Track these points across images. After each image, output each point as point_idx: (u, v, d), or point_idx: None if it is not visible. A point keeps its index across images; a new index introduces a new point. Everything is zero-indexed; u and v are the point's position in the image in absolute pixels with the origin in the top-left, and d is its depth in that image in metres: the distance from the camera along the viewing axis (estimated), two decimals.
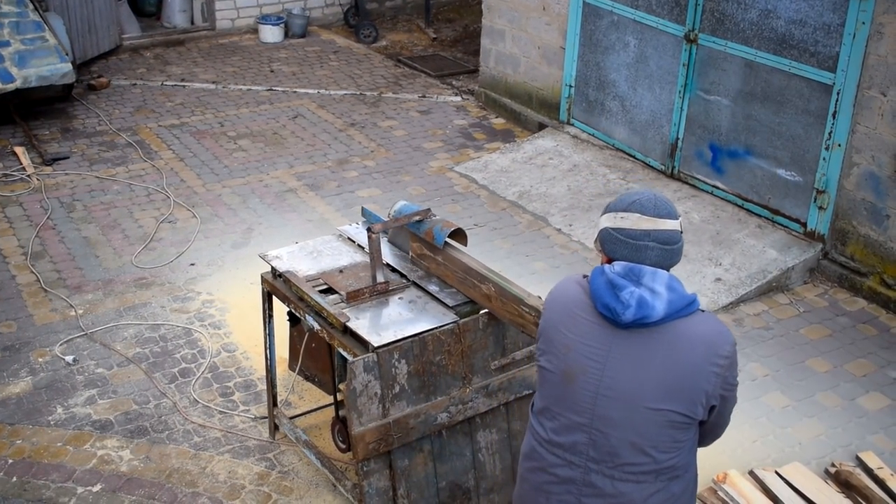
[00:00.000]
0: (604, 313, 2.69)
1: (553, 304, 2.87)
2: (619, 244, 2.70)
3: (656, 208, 2.72)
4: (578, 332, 2.76)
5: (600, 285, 2.69)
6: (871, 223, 6.45)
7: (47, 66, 8.64)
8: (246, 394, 5.36)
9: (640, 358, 2.67)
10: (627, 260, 2.69)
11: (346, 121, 9.33)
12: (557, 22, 8.69)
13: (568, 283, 2.88)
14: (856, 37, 6.26)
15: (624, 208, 2.72)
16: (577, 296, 2.80)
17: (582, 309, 2.77)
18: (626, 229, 2.69)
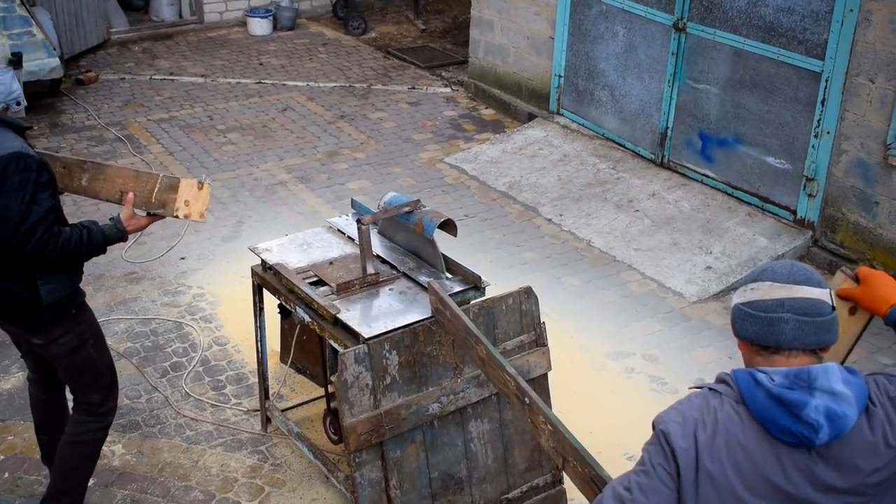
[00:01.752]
0: (785, 440, 2.14)
1: (709, 450, 2.16)
2: (748, 320, 2.24)
3: (791, 274, 2.23)
4: (758, 473, 2.16)
5: (766, 406, 2.14)
6: (860, 210, 6.47)
7: (35, 62, 8.60)
8: (238, 387, 5.36)
9: (845, 480, 2.16)
10: (759, 338, 2.22)
11: (336, 113, 9.32)
12: (546, 12, 8.69)
13: (711, 410, 2.20)
14: (844, 24, 6.27)
15: (754, 278, 2.28)
16: (735, 426, 2.18)
17: (752, 441, 2.16)
18: (755, 301, 2.24)
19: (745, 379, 2.19)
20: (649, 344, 5.82)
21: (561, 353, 5.40)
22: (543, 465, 4.37)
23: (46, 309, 3.78)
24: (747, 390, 2.17)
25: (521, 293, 4.18)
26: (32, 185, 3.54)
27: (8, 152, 3.53)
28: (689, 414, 2.21)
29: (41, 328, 3.85)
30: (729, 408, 2.19)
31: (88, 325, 4.00)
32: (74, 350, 3.95)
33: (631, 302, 6.26)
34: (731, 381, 2.23)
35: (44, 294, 3.73)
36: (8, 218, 3.50)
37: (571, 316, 6.07)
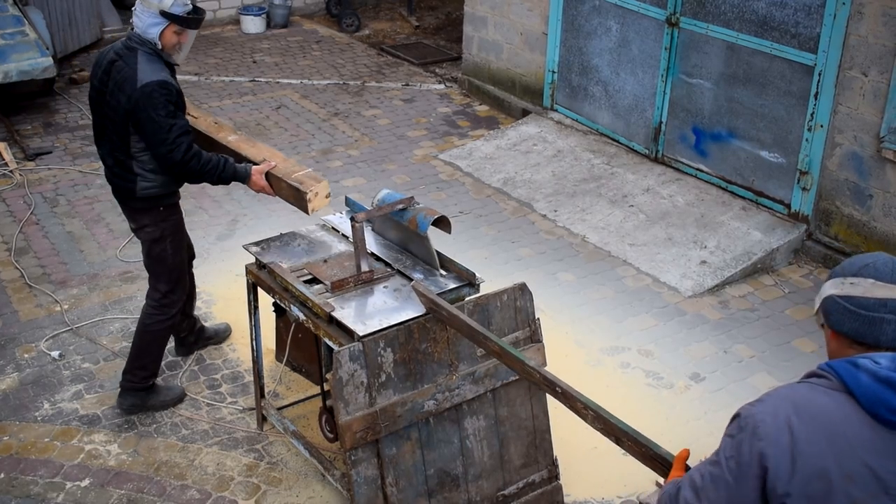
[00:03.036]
0: (894, 421, 2.10)
1: (806, 438, 2.13)
2: (847, 315, 2.22)
3: (894, 273, 2.21)
4: (859, 462, 2.12)
5: (874, 388, 2.11)
6: (854, 203, 6.48)
7: (28, 61, 8.58)
8: (233, 385, 5.36)
9: None
10: (858, 335, 2.21)
11: (330, 110, 9.31)
12: (539, 7, 8.68)
13: (807, 400, 2.18)
14: (836, 17, 6.28)
15: (854, 272, 2.25)
16: (834, 413, 2.14)
17: (853, 427, 2.12)
18: (856, 297, 2.21)
19: (844, 367, 2.16)
20: (645, 339, 5.83)
21: (556, 348, 5.41)
22: (539, 460, 4.38)
23: (139, 199, 4.75)
24: (850, 376, 2.14)
25: (516, 289, 4.18)
26: (171, 107, 4.50)
27: (158, 79, 4.48)
28: (781, 405, 2.17)
29: (134, 214, 4.86)
30: (824, 396, 2.16)
31: (171, 225, 4.88)
32: (155, 241, 4.86)
33: (626, 297, 6.26)
34: (825, 372, 2.20)
35: (138, 188, 4.70)
36: (160, 127, 4.48)
37: (566, 311, 6.08)
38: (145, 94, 4.45)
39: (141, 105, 4.46)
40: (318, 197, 4.38)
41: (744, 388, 5.40)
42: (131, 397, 5.06)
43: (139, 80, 4.47)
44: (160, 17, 4.55)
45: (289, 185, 4.49)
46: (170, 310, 4.99)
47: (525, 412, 4.30)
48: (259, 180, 4.72)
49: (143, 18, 4.58)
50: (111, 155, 4.72)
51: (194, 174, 4.63)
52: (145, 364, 5.01)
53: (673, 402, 5.28)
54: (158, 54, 4.60)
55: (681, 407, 5.24)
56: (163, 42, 4.60)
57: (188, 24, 4.62)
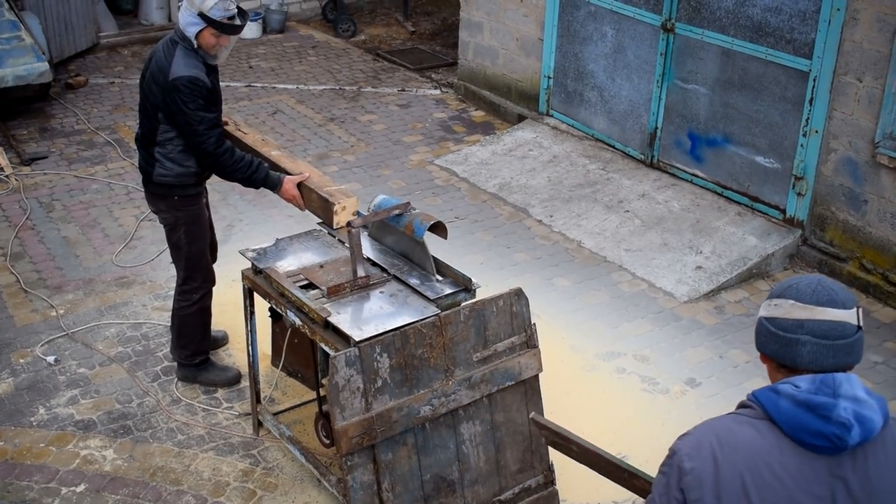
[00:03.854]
0: (816, 444, 2.07)
1: (729, 470, 2.10)
2: (767, 338, 2.20)
3: (815, 294, 2.14)
4: (784, 492, 2.09)
5: (793, 413, 2.08)
6: (849, 208, 6.49)
7: (24, 66, 8.58)
8: (229, 391, 5.35)
9: (871, 488, 2.11)
10: (777, 357, 2.18)
11: (326, 116, 9.32)
12: (535, 13, 8.70)
13: (730, 432, 2.15)
14: (831, 23, 6.29)
15: (779, 294, 2.20)
16: (756, 443, 2.11)
17: (776, 456, 2.10)
18: (777, 319, 2.18)
19: (765, 394, 2.15)
20: (640, 344, 5.84)
21: (552, 353, 5.41)
22: (535, 466, 4.38)
23: (155, 185, 4.96)
24: (770, 403, 2.12)
25: (512, 294, 4.19)
26: (201, 101, 4.70)
27: (189, 74, 4.67)
28: (705, 437, 2.15)
29: (153, 198, 5.09)
30: (748, 426, 2.14)
31: (186, 215, 5.03)
32: (170, 228, 5.09)
33: (622, 302, 6.27)
34: (750, 401, 2.19)
35: (155, 173, 4.92)
36: (191, 119, 4.69)
37: (562, 317, 6.08)
38: (174, 88, 4.66)
39: (171, 97, 4.69)
40: (345, 211, 4.42)
41: (739, 393, 5.41)
42: (184, 370, 5.39)
43: (171, 73, 4.68)
44: (199, 18, 4.66)
45: (319, 196, 4.55)
46: (190, 296, 5.18)
47: (521, 417, 4.30)
48: (291, 189, 4.78)
49: (184, 16, 4.72)
50: (140, 138, 5.00)
51: (226, 168, 4.83)
52: (185, 345, 5.28)
53: (668, 408, 5.29)
54: (195, 52, 4.76)
55: (676, 412, 5.25)
56: (200, 42, 4.74)
57: (224, 29, 4.71)
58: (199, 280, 5.19)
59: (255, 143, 5.14)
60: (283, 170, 4.88)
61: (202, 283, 5.20)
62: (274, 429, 4.77)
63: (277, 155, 5.00)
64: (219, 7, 4.62)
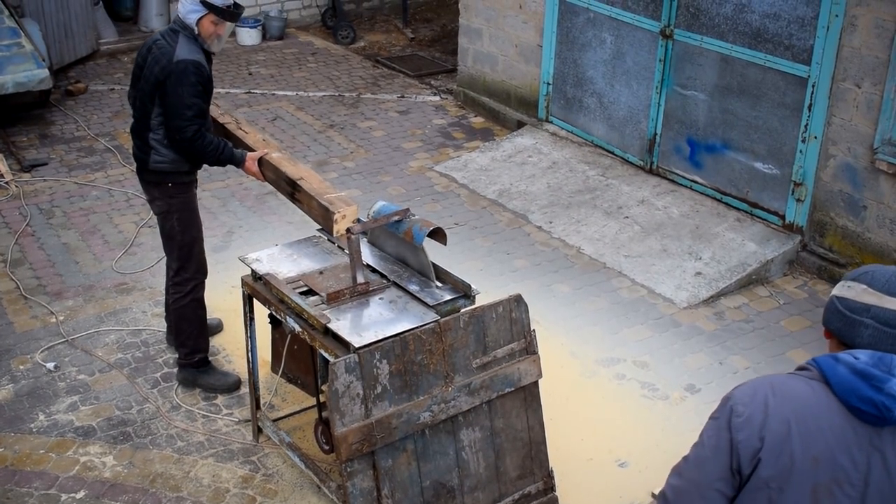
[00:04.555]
0: (864, 409, 2.20)
1: (778, 416, 2.24)
2: (834, 315, 2.36)
3: (888, 284, 2.28)
4: (826, 446, 2.22)
5: (849, 378, 2.22)
6: (848, 214, 6.50)
7: (24, 73, 8.59)
8: (229, 397, 5.35)
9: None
10: (839, 334, 2.34)
11: (325, 122, 9.33)
12: (534, 20, 8.71)
13: (785, 384, 2.30)
14: (829, 29, 6.31)
15: (854, 277, 2.36)
16: (808, 397, 2.25)
17: (825, 413, 2.24)
18: (846, 299, 2.33)
19: (825, 360, 2.28)
20: (640, 350, 5.84)
21: (552, 360, 5.41)
22: (535, 472, 4.38)
23: (151, 172, 5.06)
24: (829, 367, 2.26)
25: (512, 301, 4.19)
26: (198, 87, 4.85)
27: (194, 59, 4.85)
28: (760, 386, 2.30)
29: (147, 186, 5.19)
30: (803, 383, 2.28)
31: (179, 202, 5.13)
32: (163, 215, 5.16)
33: (621, 308, 6.28)
34: (809, 365, 2.32)
35: (151, 160, 5.02)
36: (181, 103, 4.81)
37: (562, 323, 6.09)
38: (179, 69, 4.81)
39: (172, 78, 4.81)
40: (345, 219, 4.43)
41: None
42: (184, 372, 5.42)
43: (176, 56, 4.84)
44: (200, 5, 4.87)
45: (319, 204, 4.54)
46: (183, 287, 5.24)
47: (521, 424, 4.30)
48: (252, 166, 5.01)
49: (185, 4, 4.90)
50: (134, 126, 5.12)
51: (196, 152, 4.95)
52: (183, 342, 5.34)
53: (668, 414, 5.29)
54: (196, 39, 4.95)
55: (676, 418, 5.25)
56: (200, 29, 4.93)
57: (225, 15, 4.95)
58: (192, 270, 5.25)
59: (257, 144, 5.15)
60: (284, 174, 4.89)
61: (194, 273, 5.26)
62: (274, 435, 4.77)
63: (278, 157, 5.01)
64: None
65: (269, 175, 5.01)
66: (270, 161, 4.98)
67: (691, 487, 2.32)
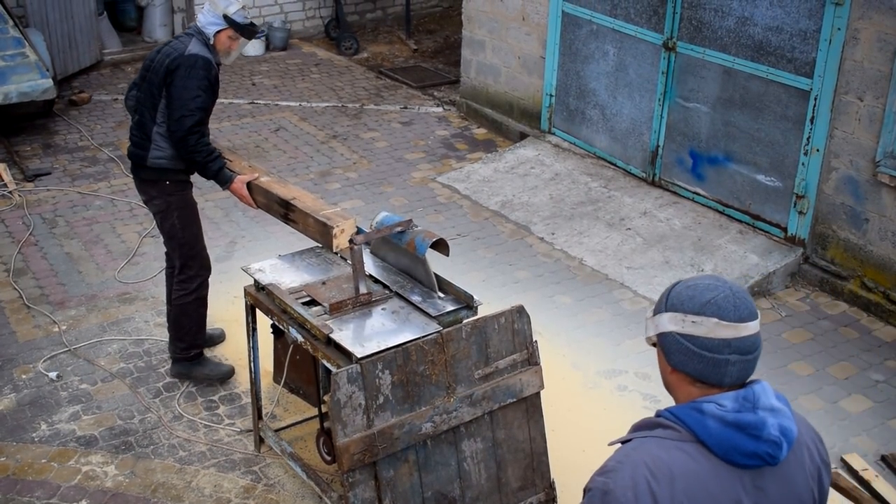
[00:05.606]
0: (749, 464, 2.05)
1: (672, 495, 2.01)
2: (691, 357, 2.09)
3: (737, 310, 2.07)
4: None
5: (724, 434, 2.03)
6: (850, 227, 6.51)
7: (28, 82, 8.62)
8: (231, 407, 5.36)
9: (785, 493, 2.13)
10: (701, 376, 2.09)
11: (328, 133, 9.35)
12: (537, 32, 8.74)
13: (661, 461, 2.04)
14: (832, 42, 6.32)
15: (696, 310, 2.08)
16: (690, 469, 2.04)
17: (709, 479, 2.05)
18: (699, 338, 2.07)
19: (689, 414, 2.07)
20: (642, 362, 5.84)
21: (553, 371, 5.41)
22: (537, 483, 4.38)
23: (148, 169, 5.11)
24: (698, 425, 2.05)
25: (514, 312, 4.20)
26: (205, 82, 4.95)
27: (203, 55, 4.97)
28: (638, 473, 2.03)
29: (144, 185, 5.22)
30: (676, 451, 2.05)
31: (178, 199, 5.20)
32: (161, 214, 5.22)
33: (623, 320, 6.28)
34: (670, 422, 2.09)
35: (150, 156, 5.08)
36: (188, 93, 4.90)
37: (564, 334, 6.09)
38: (190, 62, 4.92)
39: (182, 70, 4.91)
40: (343, 234, 4.40)
41: None
42: (178, 366, 5.51)
43: (188, 50, 4.97)
44: (221, 19, 5.04)
45: (316, 220, 4.48)
46: (188, 285, 5.31)
47: (522, 435, 4.30)
48: (240, 188, 4.99)
49: (206, 16, 5.07)
50: (137, 123, 5.15)
51: (189, 147, 4.96)
52: (181, 336, 5.41)
53: None
54: (209, 46, 5.08)
55: None
56: (216, 41, 5.09)
57: (244, 31, 5.13)
58: (196, 267, 5.33)
59: (244, 171, 5.09)
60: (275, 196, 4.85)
61: (199, 269, 5.34)
62: (275, 445, 4.77)
63: (267, 181, 4.96)
64: (240, 14, 5.07)
65: (259, 199, 4.96)
66: (260, 185, 4.92)
67: None
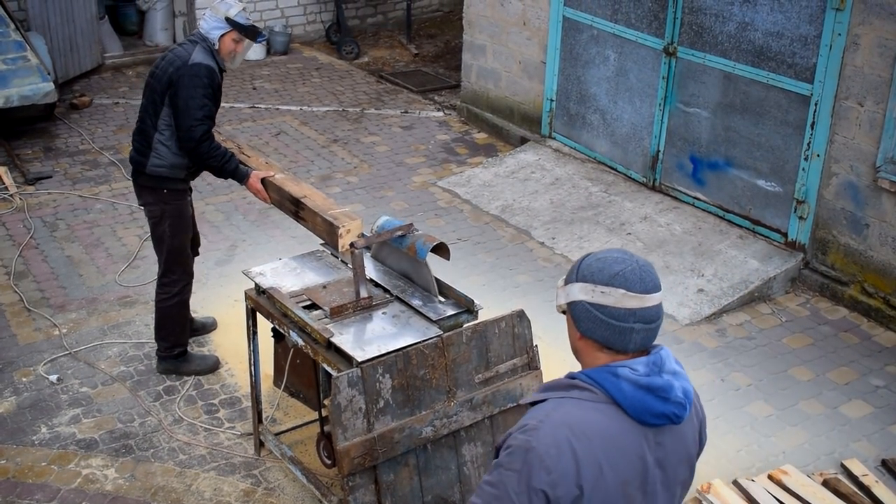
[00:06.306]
0: (658, 423, 2.25)
1: (588, 461, 2.19)
2: (598, 325, 2.27)
3: (642, 282, 2.27)
4: (630, 467, 2.26)
5: (636, 396, 2.22)
6: (850, 232, 6.51)
7: (29, 86, 8.63)
8: (231, 411, 5.36)
9: (679, 447, 2.35)
10: (607, 343, 2.27)
11: (329, 137, 9.36)
12: (538, 36, 8.75)
13: (581, 421, 2.22)
14: (832, 48, 6.33)
15: (605, 281, 2.26)
16: (607, 429, 2.23)
17: (623, 438, 2.24)
18: (607, 307, 2.25)
19: (605, 378, 2.24)
20: None
21: (554, 375, 5.38)
22: None
23: (147, 176, 5.20)
24: (613, 387, 2.23)
25: (514, 316, 4.20)
26: (209, 90, 5.04)
27: (206, 63, 5.05)
28: (560, 433, 2.20)
29: (141, 191, 5.33)
30: (593, 412, 2.23)
31: (173, 209, 5.29)
32: (155, 221, 5.31)
33: None
34: (586, 383, 2.26)
35: (149, 163, 5.16)
36: (193, 103, 4.98)
37: (564, 339, 6.06)
38: (193, 72, 4.99)
39: (185, 80, 4.99)
40: (349, 234, 4.46)
41: (741, 416, 5.41)
42: (164, 363, 5.63)
43: (191, 59, 5.04)
44: (224, 22, 5.12)
45: (323, 219, 4.56)
46: (169, 289, 5.43)
47: None
48: (255, 183, 5.09)
49: (209, 21, 5.14)
50: (139, 129, 5.25)
51: (202, 155, 5.08)
52: (165, 336, 5.54)
53: None
54: (213, 53, 5.16)
55: None
56: (221, 45, 5.17)
57: (247, 33, 5.22)
58: (179, 273, 5.45)
59: (259, 166, 5.18)
60: (288, 194, 4.92)
61: (181, 275, 5.47)
62: (275, 449, 4.77)
63: (281, 178, 5.04)
64: (241, 15, 5.17)
65: (272, 195, 5.06)
66: (274, 182, 5.03)
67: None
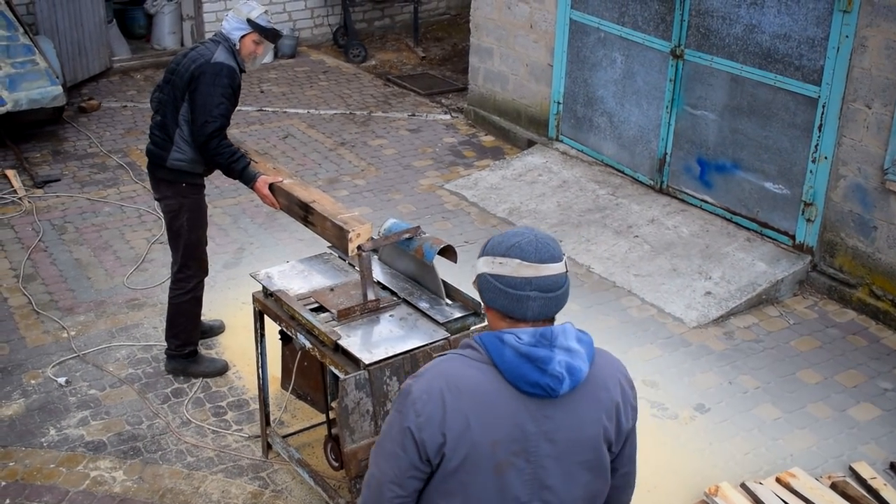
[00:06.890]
0: (532, 392, 2.33)
1: (456, 412, 2.32)
2: (497, 294, 2.38)
3: (538, 252, 2.36)
4: (502, 430, 2.34)
5: (514, 363, 2.32)
6: (858, 235, 6.50)
7: (38, 89, 8.66)
8: (238, 413, 5.37)
9: (573, 424, 2.39)
10: (506, 311, 2.38)
11: (336, 140, 9.37)
12: (545, 39, 8.75)
13: (459, 376, 2.36)
14: (840, 50, 6.32)
15: (502, 253, 2.39)
16: (481, 386, 2.34)
17: (498, 399, 2.34)
18: (504, 276, 2.37)
19: (492, 341, 2.35)
20: (649, 369, 5.84)
21: None
22: None
23: (167, 170, 5.25)
24: (496, 351, 2.34)
25: None
26: (229, 90, 5.11)
27: (228, 63, 5.13)
28: (435, 381, 2.35)
29: (159, 184, 5.36)
30: (473, 370, 2.36)
31: (191, 202, 5.34)
32: (173, 214, 5.35)
33: (631, 327, 6.28)
34: (476, 344, 2.39)
35: (170, 157, 5.21)
36: (211, 100, 5.04)
37: None
38: (214, 70, 5.07)
39: (207, 77, 5.06)
40: (359, 238, 4.44)
41: (749, 419, 5.40)
42: (173, 362, 5.66)
43: (214, 58, 5.11)
44: (246, 23, 5.21)
45: (333, 224, 4.53)
46: (184, 284, 5.47)
47: None
48: (263, 188, 5.07)
49: (230, 22, 5.24)
50: (159, 124, 5.27)
51: (211, 151, 5.11)
52: (176, 334, 5.56)
53: (677, 433, 5.28)
54: (234, 53, 5.24)
55: (685, 437, 5.24)
56: (241, 46, 5.25)
57: (268, 34, 5.29)
58: (194, 268, 5.48)
59: (269, 173, 5.18)
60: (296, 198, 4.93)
61: (196, 271, 5.50)
62: (283, 451, 4.78)
63: (290, 183, 5.04)
64: (263, 17, 5.24)
65: (281, 201, 5.05)
66: (282, 187, 5.00)
67: (391, 478, 2.39)
